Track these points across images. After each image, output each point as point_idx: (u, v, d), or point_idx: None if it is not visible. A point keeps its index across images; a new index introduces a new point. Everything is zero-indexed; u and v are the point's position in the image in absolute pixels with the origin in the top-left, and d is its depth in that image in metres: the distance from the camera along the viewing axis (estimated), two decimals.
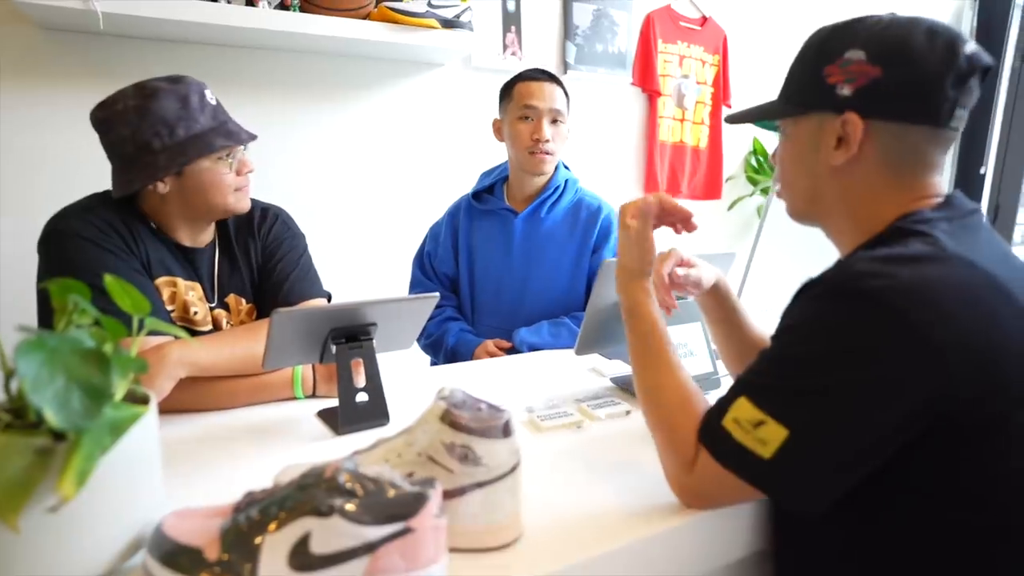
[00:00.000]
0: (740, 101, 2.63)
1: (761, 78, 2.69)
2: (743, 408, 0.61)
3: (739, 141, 2.69)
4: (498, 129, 1.47)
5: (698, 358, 1.07)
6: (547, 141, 1.36)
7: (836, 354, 0.57)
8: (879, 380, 0.55)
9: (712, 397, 1.02)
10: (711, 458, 0.62)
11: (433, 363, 1.49)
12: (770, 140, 2.72)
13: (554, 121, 1.38)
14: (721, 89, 2.56)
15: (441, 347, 1.44)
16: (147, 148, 0.91)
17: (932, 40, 0.62)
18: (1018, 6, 2.82)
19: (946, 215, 0.64)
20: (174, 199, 0.97)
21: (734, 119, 0.79)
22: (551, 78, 1.40)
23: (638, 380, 0.74)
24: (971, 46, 0.62)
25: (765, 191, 2.61)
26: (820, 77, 0.66)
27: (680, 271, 0.90)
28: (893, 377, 0.55)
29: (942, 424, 0.56)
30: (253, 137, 1.00)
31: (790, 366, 0.60)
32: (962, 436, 0.57)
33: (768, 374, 0.62)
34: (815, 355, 0.58)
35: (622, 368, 1.17)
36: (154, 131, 0.91)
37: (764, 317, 0.92)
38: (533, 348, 1.36)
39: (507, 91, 1.42)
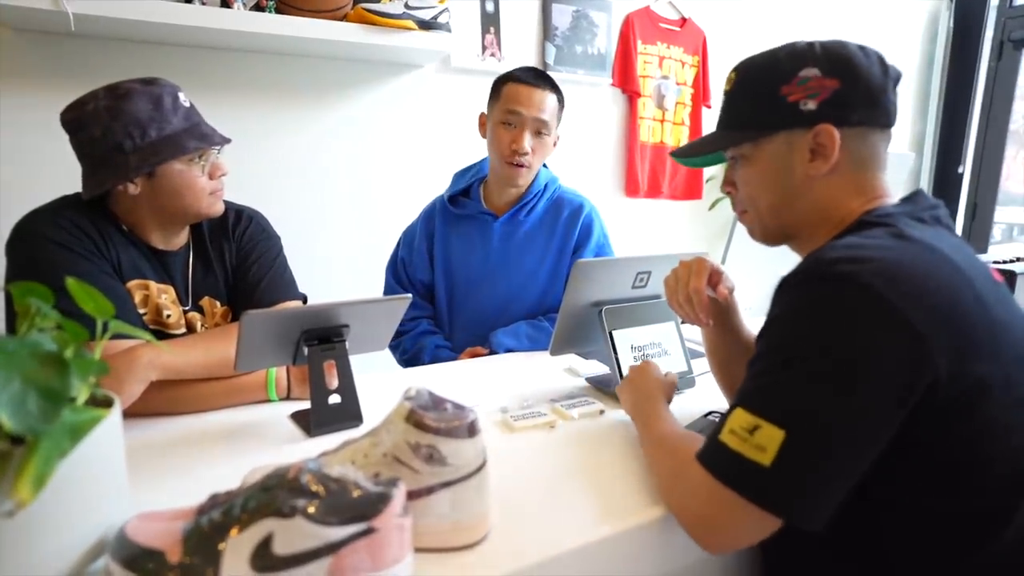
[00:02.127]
0: (719, 102, 2.66)
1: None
2: (738, 417, 0.59)
3: None
4: (482, 124, 1.38)
5: (672, 357, 1.08)
6: (525, 153, 1.29)
7: (820, 338, 0.57)
8: (866, 358, 0.55)
9: (688, 396, 1.05)
10: (711, 478, 0.59)
11: None
12: None
13: (538, 132, 1.30)
14: (701, 90, 2.59)
15: (417, 362, 1.40)
16: (118, 149, 0.91)
17: (867, 54, 0.69)
18: (993, 7, 2.88)
19: (908, 209, 0.68)
20: (146, 201, 0.96)
21: (681, 153, 0.81)
22: (544, 82, 1.31)
23: (653, 475, 0.74)
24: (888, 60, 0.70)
25: None
26: (777, 98, 0.69)
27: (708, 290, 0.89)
28: (878, 354, 0.55)
29: (921, 408, 0.56)
30: (227, 140, 0.99)
31: (776, 360, 0.59)
32: (937, 420, 0.57)
33: (758, 376, 0.61)
34: (799, 343, 0.58)
35: (598, 368, 1.18)
36: (126, 132, 0.90)
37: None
38: (510, 351, 1.35)
39: (496, 88, 1.33)
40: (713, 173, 2.72)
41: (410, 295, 0.93)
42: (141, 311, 0.98)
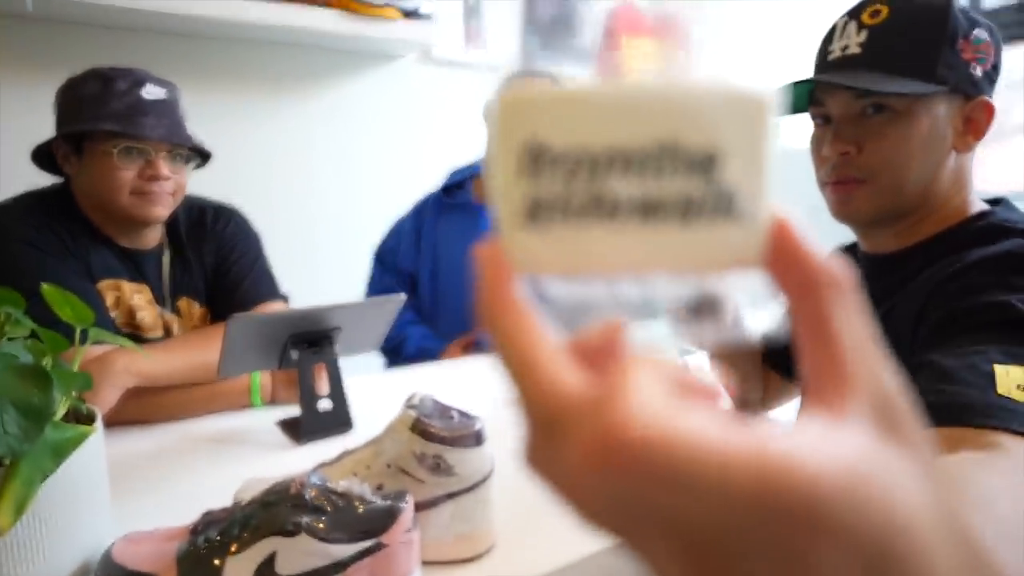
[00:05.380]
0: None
1: (726, 75, 2.74)
2: (1015, 374, 0.47)
3: None
4: None
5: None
6: None
7: None
8: None
9: None
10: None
11: (388, 365, 1.45)
12: None
13: None
14: None
15: (400, 353, 1.39)
16: (59, 122, 0.91)
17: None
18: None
19: (1017, 215, 0.63)
20: (82, 188, 0.93)
21: (817, 80, 0.64)
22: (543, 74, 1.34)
23: None
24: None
25: None
26: (955, 51, 0.59)
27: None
28: None
29: None
30: (169, 139, 0.91)
31: None
32: None
33: (1004, 342, 0.50)
34: None
35: None
36: (67, 105, 0.91)
37: None
38: None
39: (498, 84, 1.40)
40: None
41: (403, 296, 0.90)
42: (113, 313, 0.94)
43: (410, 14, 1.70)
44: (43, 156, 0.92)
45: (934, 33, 0.59)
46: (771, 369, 0.93)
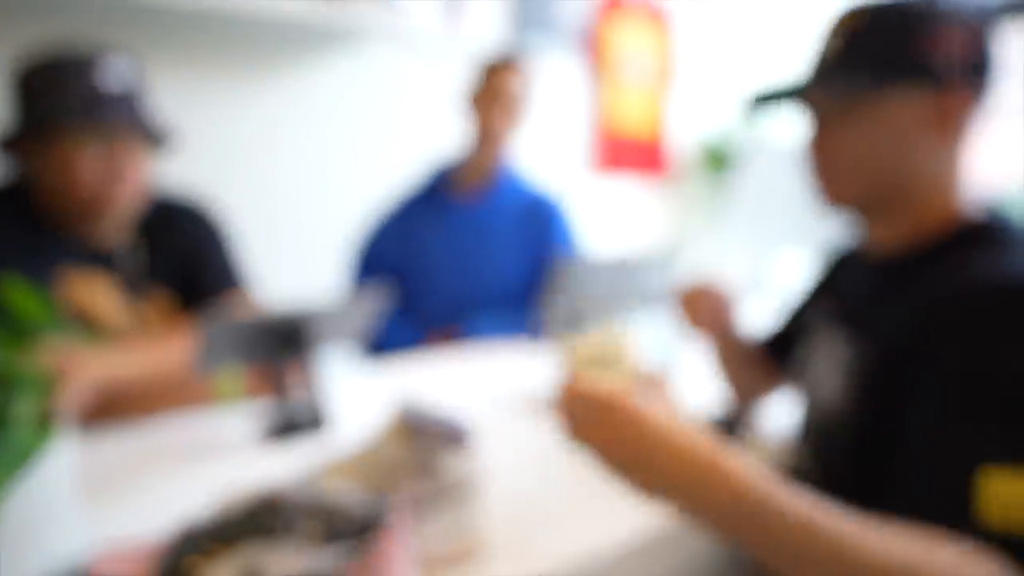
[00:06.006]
0: (686, 81, 2.69)
1: (708, 58, 2.76)
2: (1002, 486, 0.44)
3: (684, 121, 2.75)
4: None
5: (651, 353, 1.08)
6: (507, 134, 1.36)
7: None
8: None
9: None
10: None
11: (366, 358, 1.43)
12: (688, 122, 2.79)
13: (517, 112, 1.37)
14: (668, 69, 2.61)
15: (380, 347, 1.38)
16: (18, 114, 0.85)
17: (991, 25, 0.61)
18: None
19: (1007, 223, 0.62)
20: (42, 180, 0.87)
21: (778, 91, 0.67)
22: (521, 64, 1.38)
23: None
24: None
25: (710, 170, 2.70)
26: (919, 45, 0.59)
27: None
28: None
29: None
30: (135, 126, 0.86)
31: None
32: None
33: (1005, 429, 0.47)
34: None
35: None
36: (24, 96, 0.85)
37: None
38: (481, 338, 1.33)
39: (479, 71, 1.40)
40: (677, 152, 2.76)
41: (384, 292, 0.88)
42: (77, 307, 0.89)
43: None
44: None
45: (900, 30, 0.61)
46: (770, 358, 0.92)
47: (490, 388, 1.02)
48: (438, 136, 1.87)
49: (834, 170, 0.65)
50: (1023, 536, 0.43)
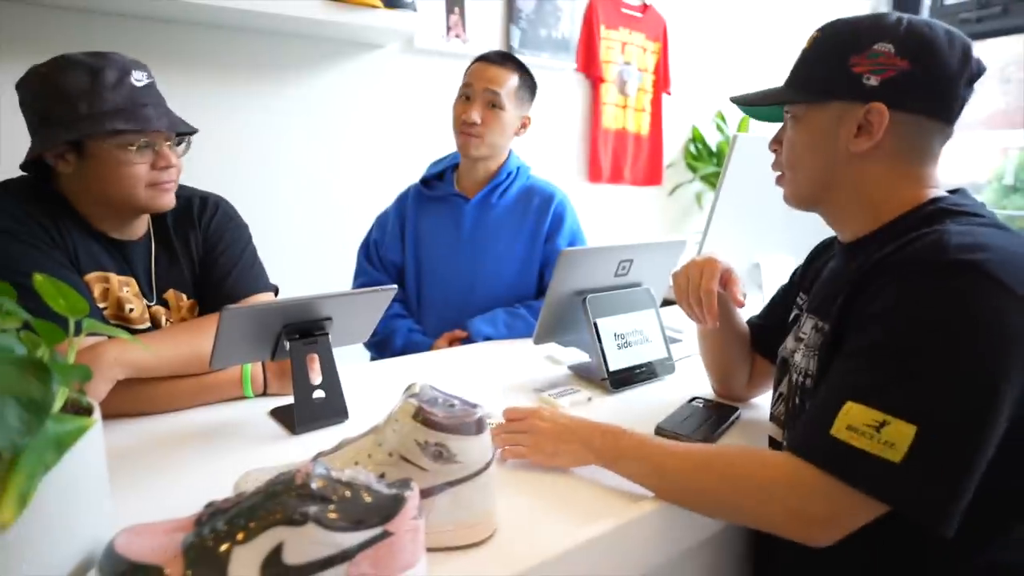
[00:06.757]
0: (679, 89, 2.69)
1: (700, 66, 2.77)
2: (855, 413, 0.55)
3: (678, 129, 2.76)
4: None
5: (653, 344, 1.09)
6: (473, 123, 1.31)
7: (953, 331, 0.54)
8: (998, 350, 0.53)
9: (668, 382, 1.06)
10: (830, 478, 0.56)
11: (374, 358, 1.44)
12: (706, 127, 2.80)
13: (491, 105, 1.33)
14: (661, 77, 2.61)
15: (388, 347, 1.38)
16: (45, 119, 0.85)
17: (951, 42, 0.65)
18: None
19: (970, 201, 0.67)
20: (83, 185, 0.89)
21: (741, 101, 0.78)
22: (505, 62, 1.35)
23: (704, 499, 0.65)
24: (976, 53, 0.66)
25: (704, 178, 2.70)
26: (845, 66, 0.66)
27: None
28: (1009, 345, 0.53)
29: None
30: (174, 128, 0.89)
31: (900, 352, 0.56)
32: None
33: (876, 368, 0.57)
34: (929, 335, 0.55)
35: (578, 355, 1.18)
36: (53, 101, 0.84)
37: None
38: (488, 339, 1.34)
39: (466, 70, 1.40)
40: (672, 160, 2.77)
41: (395, 287, 0.90)
42: (101, 305, 0.92)
43: (392, 3, 1.68)
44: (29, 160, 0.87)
45: (832, 52, 0.69)
46: (758, 353, 0.95)
47: (499, 380, 1.04)
48: (442, 142, 1.89)
49: (786, 172, 0.75)
50: (858, 447, 0.55)
